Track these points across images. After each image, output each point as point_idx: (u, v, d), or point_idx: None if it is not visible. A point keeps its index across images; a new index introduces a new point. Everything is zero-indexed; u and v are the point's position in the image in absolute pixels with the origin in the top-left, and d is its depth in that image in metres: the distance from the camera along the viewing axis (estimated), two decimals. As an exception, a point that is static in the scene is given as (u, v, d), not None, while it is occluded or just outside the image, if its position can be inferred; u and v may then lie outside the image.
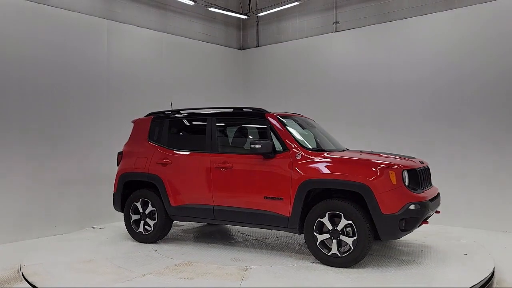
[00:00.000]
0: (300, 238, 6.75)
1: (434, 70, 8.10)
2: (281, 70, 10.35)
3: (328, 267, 5.21)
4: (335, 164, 5.37)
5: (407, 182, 5.20)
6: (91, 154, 8.17)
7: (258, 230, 7.32)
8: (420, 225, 5.30)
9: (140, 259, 5.71)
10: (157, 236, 6.52)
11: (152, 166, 6.53)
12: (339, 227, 5.19)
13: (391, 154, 5.99)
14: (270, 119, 5.90)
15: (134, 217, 6.68)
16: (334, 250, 5.21)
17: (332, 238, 5.24)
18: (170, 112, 6.86)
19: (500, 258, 5.69)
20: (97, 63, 8.32)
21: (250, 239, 6.78)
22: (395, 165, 5.22)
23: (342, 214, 5.17)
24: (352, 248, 5.11)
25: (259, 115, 6.06)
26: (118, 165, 7.07)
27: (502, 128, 7.43)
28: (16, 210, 7.15)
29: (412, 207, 5.05)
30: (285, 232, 7.00)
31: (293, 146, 5.62)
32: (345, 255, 5.16)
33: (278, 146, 5.73)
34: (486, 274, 4.85)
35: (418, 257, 5.64)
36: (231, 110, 6.41)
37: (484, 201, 7.57)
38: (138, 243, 6.56)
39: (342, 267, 5.16)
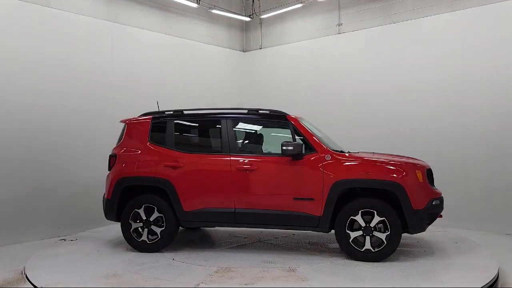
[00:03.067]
0: (307, 236, 6.95)
1: (437, 72, 8.17)
2: (284, 72, 10.32)
3: (362, 262, 5.47)
4: (368, 165, 5.69)
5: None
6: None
7: (255, 231, 7.29)
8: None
9: (171, 269, 5.32)
10: (164, 244, 6.12)
11: (159, 169, 6.11)
12: (372, 224, 5.53)
13: (395, 155, 6.49)
14: (293, 121, 5.99)
15: (135, 225, 6.18)
16: (368, 245, 5.52)
17: (365, 234, 5.55)
18: (172, 112, 6.49)
19: (505, 261, 5.72)
20: (101, 65, 8.29)
21: (255, 242, 6.74)
22: (419, 164, 5.75)
23: (375, 212, 5.51)
24: (386, 242, 5.48)
25: (280, 117, 6.11)
26: (110, 169, 6.45)
27: (506, 129, 7.48)
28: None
29: (434, 202, 5.64)
30: (284, 232, 7.14)
31: (321, 148, 5.80)
32: (379, 250, 5.50)
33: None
34: (490, 277, 4.91)
35: (420, 246, 6.25)
36: (246, 111, 6.34)
37: (488, 203, 7.59)
38: (139, 252, 6.06)
39: (375, 261, 5.48)
